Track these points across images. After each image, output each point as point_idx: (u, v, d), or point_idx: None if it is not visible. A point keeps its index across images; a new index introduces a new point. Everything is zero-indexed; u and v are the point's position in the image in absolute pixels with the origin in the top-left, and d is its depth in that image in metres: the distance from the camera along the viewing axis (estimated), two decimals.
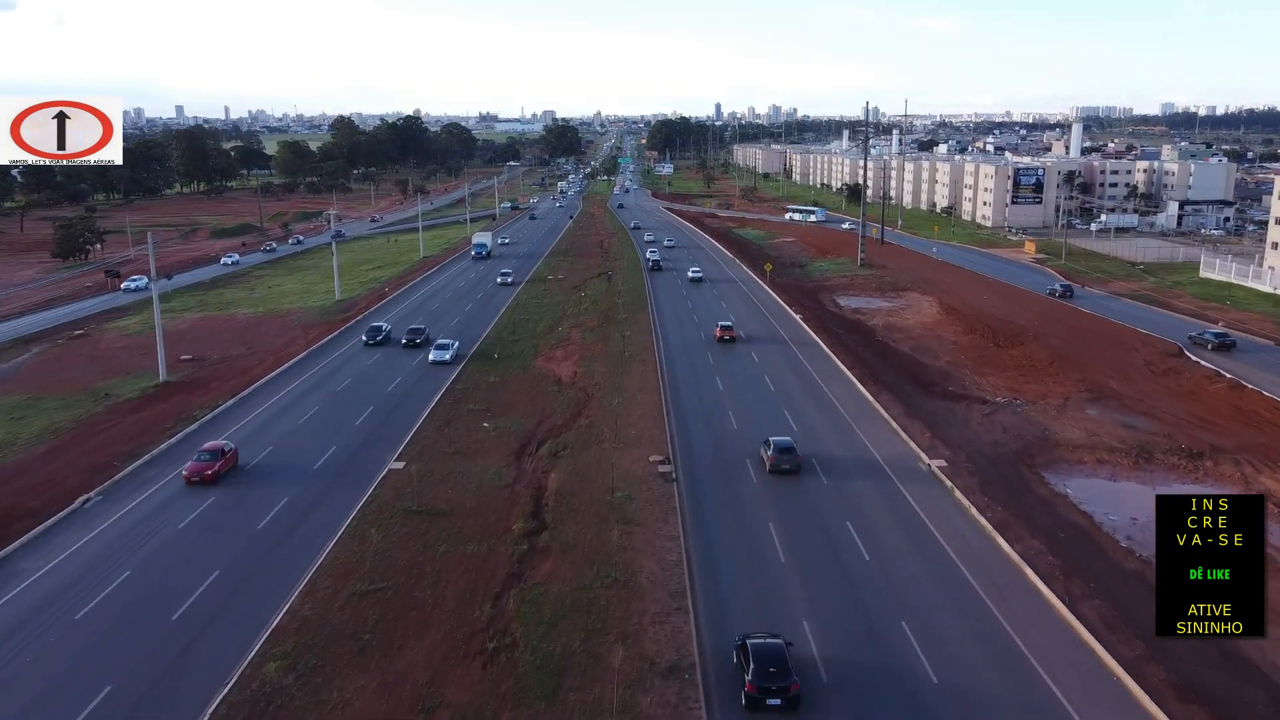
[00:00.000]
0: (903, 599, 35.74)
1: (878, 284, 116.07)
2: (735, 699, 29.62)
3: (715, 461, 50.83)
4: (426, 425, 56.83)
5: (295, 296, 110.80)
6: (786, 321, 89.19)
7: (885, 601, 35.56)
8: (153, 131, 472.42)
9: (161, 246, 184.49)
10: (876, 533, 41.60)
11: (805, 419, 58.01)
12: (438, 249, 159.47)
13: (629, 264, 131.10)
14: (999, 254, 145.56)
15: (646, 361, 72.33)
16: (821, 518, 43.34)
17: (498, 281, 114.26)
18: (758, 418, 58.31)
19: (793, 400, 62.42)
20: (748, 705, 29.23)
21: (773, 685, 29.03)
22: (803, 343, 79.08)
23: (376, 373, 69.99)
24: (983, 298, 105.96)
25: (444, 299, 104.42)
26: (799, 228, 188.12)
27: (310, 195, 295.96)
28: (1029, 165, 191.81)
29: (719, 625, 33.77)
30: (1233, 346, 77.40)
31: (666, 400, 62.06)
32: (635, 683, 30.01)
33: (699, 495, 46.06)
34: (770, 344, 79.66)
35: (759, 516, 43.42)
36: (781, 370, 70.17)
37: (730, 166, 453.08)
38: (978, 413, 60.74)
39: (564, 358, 74.42)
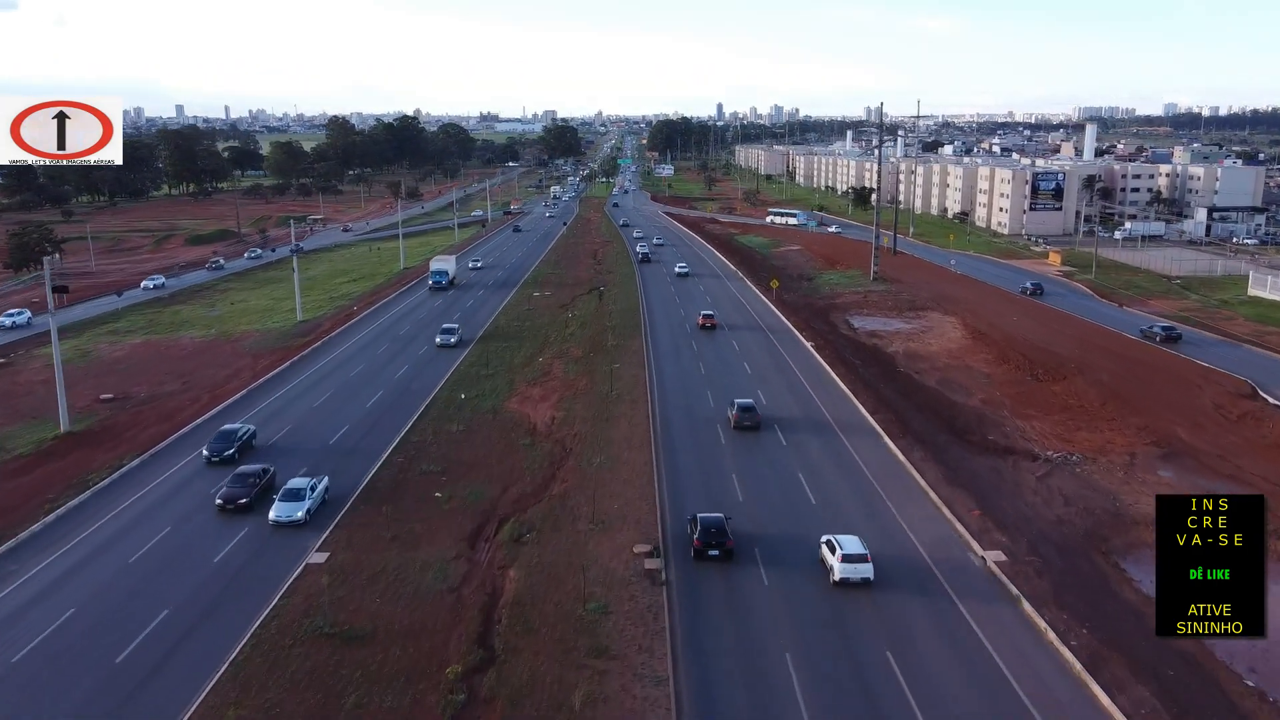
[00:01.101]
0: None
1: (894, 302, 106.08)
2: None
3: (719, 567, 40.80)
4: (368, 494, 46.97)
5: (257, 315, 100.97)
6: (797, 350, 79.20)
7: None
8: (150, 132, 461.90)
9: (132, 254, 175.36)
10: (930, 679, 31.53)
11: (826, 490, 47.96)
12: (421, 258, 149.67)
13: (623, 277, 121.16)
14: (1021, 266, 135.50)
15: (637, 403, 62.34)
16: (856, 656, 33.20)
17: (436, 343, 79.58)
18: (771, 494, 48.42)
19: (810, 464, 52.38)
20: (695, 557, 39.49)
21: (713, 542, 39.25)
22: (819, 382, 68.95)
23: (324, 416, 60.09)
24: (1010, 318, 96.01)
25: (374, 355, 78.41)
26: (805, 235, 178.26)
27: (301, 198, 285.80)
28: (1048, 170, 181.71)
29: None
30: (1179, 339, 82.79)
31: (657, 458, 52.15)
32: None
33: (695, 607, 36.14)
34: (778, 375, 69.68)
35: (772, 646, 33.53)
36: (795, 418, 60.17)
37: (732, 168, 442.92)
38: (1029, 474, 50.81)
39: (542, 397, 64.50)
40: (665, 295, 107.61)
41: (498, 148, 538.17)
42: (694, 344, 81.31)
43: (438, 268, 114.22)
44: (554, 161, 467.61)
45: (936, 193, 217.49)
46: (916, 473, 49.10)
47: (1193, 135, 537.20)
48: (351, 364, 74.19)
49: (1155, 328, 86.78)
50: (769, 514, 44.82)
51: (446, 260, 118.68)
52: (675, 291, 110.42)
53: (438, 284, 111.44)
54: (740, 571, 38.72)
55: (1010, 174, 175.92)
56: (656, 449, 53.48)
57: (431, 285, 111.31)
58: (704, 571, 38.79)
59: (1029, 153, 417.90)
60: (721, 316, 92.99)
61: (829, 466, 50.75)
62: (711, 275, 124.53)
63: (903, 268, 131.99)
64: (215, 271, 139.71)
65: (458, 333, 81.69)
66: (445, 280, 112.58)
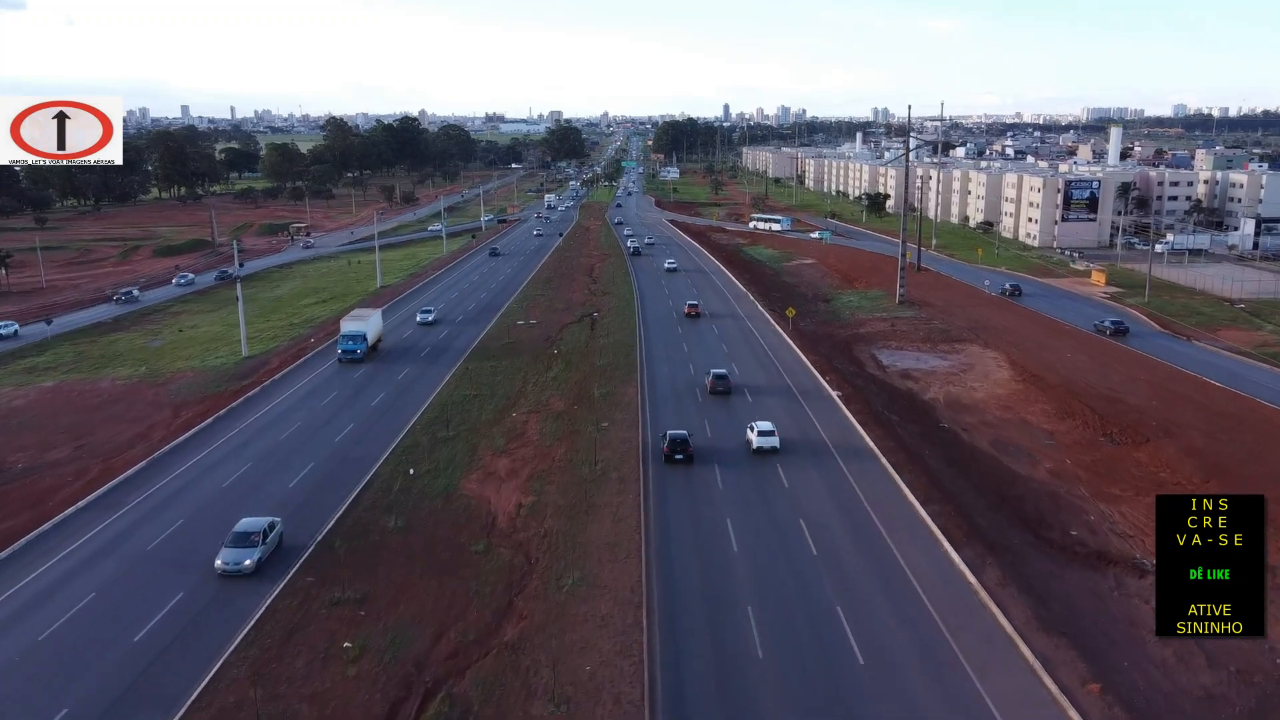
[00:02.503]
0: None
1: (926, 332, 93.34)
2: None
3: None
4: (250, 643, 34.45)
5: (201, 348, 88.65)
6: (820, 400, 66.51)
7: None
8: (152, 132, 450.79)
9: (95, 267, 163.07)
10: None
11: (877, 642, 35.30)
12: (403, 274, 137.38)
13: (621, 300, 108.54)
14: (1060, 285, 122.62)
15: (625, 485, 49.69)
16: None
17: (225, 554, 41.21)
18: (794, 615, 35.94)
19: (845, 577, 39.83)
20: (666, 461, 51.92)
21: (678, 451, 52.04)
22: (852, 450, 56.19)
23: (229, 503, 47.60)
24: (1064, 354, 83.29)
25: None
26: (817, 247, 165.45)
27: (293, 202, 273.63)
28: (1082, 177, 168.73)
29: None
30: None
31: (648, 577, 39.56)
32: None
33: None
34: (802, 441, 57.03)
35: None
36: (823, 507, 47.49)
37: (739, 170, 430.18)
38: (1143, 603, 38.11)
39: (509, 473, 51.91)
40: (666, 321, 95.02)
41: (501, 149, 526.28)
42: (698, 399, 68.49)
43: (351, 330, 79.24)
44: (556, 164, 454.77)
45: (957, 200, 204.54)
46: (996, 607, 36.42)
47: (1206, 137, 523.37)
48: (288, 420, 61.74)
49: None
50: (770, 601, 32.35)
51: (362, 321, 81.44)
52: (679, 320, 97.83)
53: (349, 355, 77.63)
54: None
55: (1041, 182, 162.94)
56: (647, 562, 40.86)
57: (341, 356, 77.54)
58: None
59: (1043, 155, 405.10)
60: (730, 352, 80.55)
61: (879, 601, 37.93)
62: (716, 293, 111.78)
63: (929, 288, 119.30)
64: (185, 287, 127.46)
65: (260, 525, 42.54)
66: (359, 350, 78.11)
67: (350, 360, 77.18)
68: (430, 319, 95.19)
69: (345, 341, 78.24)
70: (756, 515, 46.09)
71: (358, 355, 77.69)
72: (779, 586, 38.77)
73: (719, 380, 67.97)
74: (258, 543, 40.06)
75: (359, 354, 77.83)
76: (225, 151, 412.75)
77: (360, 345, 78.27)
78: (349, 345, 78.02)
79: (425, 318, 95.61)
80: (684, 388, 69.91)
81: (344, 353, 77.63)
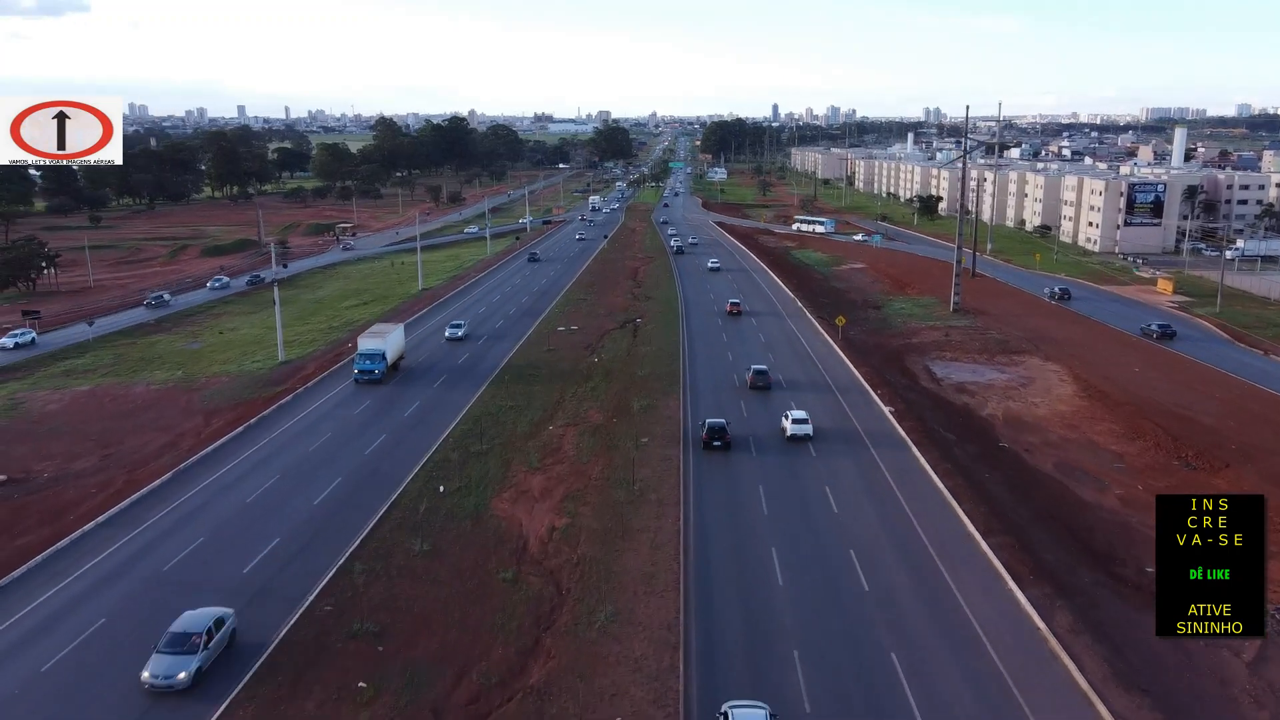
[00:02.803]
0: None
1: (982, 342, 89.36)
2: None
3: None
4: (266, 675, 32.38)
5: (240, 351, 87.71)
6: (871, 415, 63.24)
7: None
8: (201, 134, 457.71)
9: (144, 266, 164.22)
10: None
11: (928, 677, 32.32)
12: (446, 276, 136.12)
13: (664, 304, 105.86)
14: (1124, 293, 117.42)
15: (664, 508, 47.00)
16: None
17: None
18: (845, 672, 32.98)
19: (902, 623, 36.72)
20: (704, 447, 54.66)
21: (715, 439, 55.10)
22: (905, 473, 52.98)
23: (250, 521, 45.80)
24: (1131, 369, 78.97)
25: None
26: (868, 251, 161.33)
27: (341, 202, 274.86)
28: (1146, 180, 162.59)
29: None
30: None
31: (686, 613, 36.85)
32: None
33: None
34: (851, 463, 53.93)
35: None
36: (876, 538, 44.38)
37: (787, 171, 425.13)
38: (1231, 656, 34.55)
39: (543, 492, 49.53)
40: (709, 326, 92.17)
41: (548, 149, 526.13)
42: (742, 405, 65.68)
43: (369, 348, 72.02)
44: (603, 164, 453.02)
45: (1013, 203, 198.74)
46: (1069, 658, 33.15)
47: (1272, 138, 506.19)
48: (318, 430, 59.98)
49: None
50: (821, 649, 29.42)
51: (381, 338, 74.06)
52: (722, 325, 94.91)
53: (367, 375, 70.68)
54: None
55: (1102, 184, 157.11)
56: (686, 595, 38.15)
57: (358, 376, 70.67)
58: None
59: (1101, 156, 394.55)
60: (777, 361, 77.48)
61: (939, 651, 34.74)
62: (763, 299, 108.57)
63: (985, 295, 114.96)
64: (219, 291, 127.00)
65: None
66: (380, 369, 71.27)
67: (368, 382, 70.00)
68: (460, 334, 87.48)
69: (362, 360, 70.72)
70: (803, 546, 43.12)
71: (375, 376, 70.30)
72: (827, 632, 35.81)
73: (759, 376, 70.18)
74: (197, 646, 32.16)
75: (377, 374, 70.44)
76: (278, 151, 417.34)
77: (379, 365, 70.83)
78: (366, 365, 70.50)
79: (454, 333, 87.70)
80: (728, 399, 66.98)
81: (360, 373, 70.16)
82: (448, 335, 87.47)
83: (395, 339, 76.47)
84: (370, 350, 71.88)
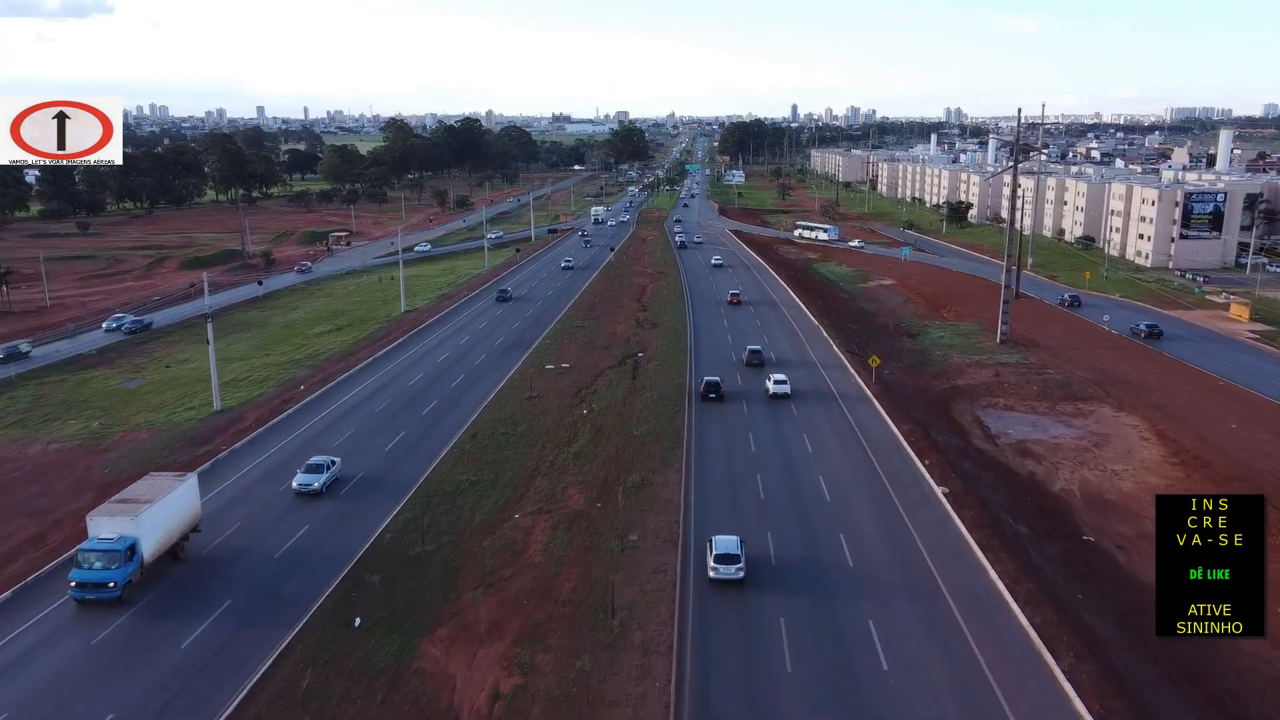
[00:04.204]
0: None
1: (1040, 385, 76.38)
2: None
3: None
4: None
5: (179, 391, 76.12)
6: (917, 492, 50.65)
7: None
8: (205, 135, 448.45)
9: (116, 281, 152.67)
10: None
11: None
12: (436, 293, 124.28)
13: (671, 334, 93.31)
14: (1192, 319, 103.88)
15: (651, 654, 34.58)
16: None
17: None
18: None
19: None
20: (701, 399, 66.97)
21: (711, 391, 67.72)
22: (969, 593, 40.29)
23: (73, 693, 33.60)
24: (1228, 423, 65.87)
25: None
26: (897, 265, 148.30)
27: (346, 206, 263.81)
28: (1205, 188, 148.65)
29: None
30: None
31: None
32: None
33: None
34: (893, 565, 41.36)
35: None
36: (935, 694, 31.95)
37: (807, 174, 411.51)
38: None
39: (491, 627, 37.14)
40: (723, 366, 79.48)
41: (564, 150, 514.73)
42: (758, 481, 53.17)
43: (97, 545, 39.70)
44: (618, 167, 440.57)
45: (1050, 211, 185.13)
46: None
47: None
48: (224, 521, 47.93)
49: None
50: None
51: (134, 510, 40.94)
52: (738, 368, 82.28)
53: (87, 593, 38.93)
54: None
55: (1156, 193, 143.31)
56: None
57: (73, 593, 39.10)
58: None
59: (1131, 158, 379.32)
60: (802, 420, 64.91)
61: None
62: (783, 328, 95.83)
63: (1034, 320, 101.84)
64: (113, 335, 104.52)
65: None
66: (118, 579, 38.96)
67: (95, 601, 38.84)
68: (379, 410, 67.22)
69: (80, 569, 39.14)
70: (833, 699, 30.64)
71: (110, 593, 38.67)
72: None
73: (754, 355, 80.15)
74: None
75: (113, 590, 38.66)
76: (289, 153, 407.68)
77: (116, 574, 38.79)
78: (87, 577, 38.80)
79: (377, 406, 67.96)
80: (743, 488, 54.04)
81: (77, 587, 38.83)
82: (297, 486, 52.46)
83: (163, 516, 42.17)
84: (98, 548, 39.33)
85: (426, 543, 44.30)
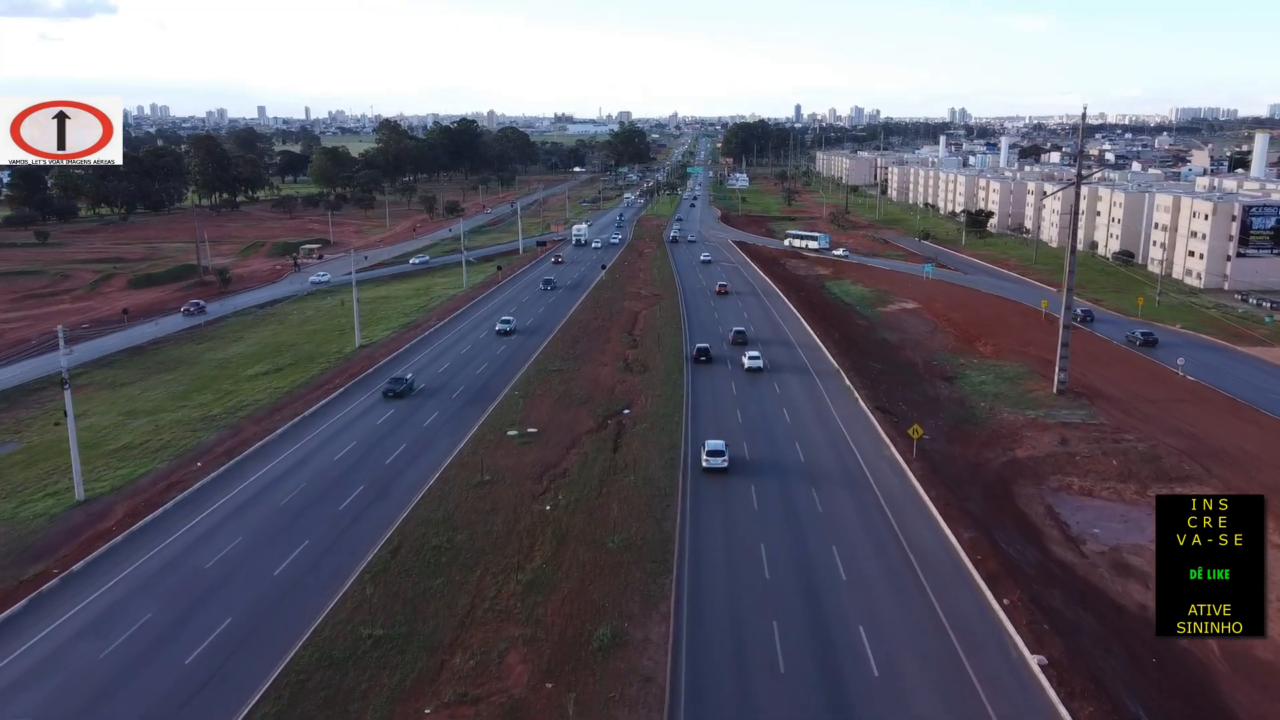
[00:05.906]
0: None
1: (1120, 457, 61.30)
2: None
3: None
4: None
5: (52, 465, 61.34)
6: (1004, 664, 35.85)
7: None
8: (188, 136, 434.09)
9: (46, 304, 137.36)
10: None
11: None
12: (402, 321, 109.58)
13: (666, 380, 78.25)
14: (1267, 356, 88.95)
15: None
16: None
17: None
18: None
19: None
20: (693, 362, 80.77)
21: (703, 355, 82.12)
22: None
23: None
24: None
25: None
26: (919, 286, 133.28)
27: (332, 212, 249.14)
28: (1265, 201, 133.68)
29: None
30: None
31: None
32: None
33: None
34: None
35: None
36: None
37: (812, 177, 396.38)
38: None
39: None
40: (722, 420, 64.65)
41: (564, 151, 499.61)
42: (775, 633, 38.35)
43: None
44: (618, 169, 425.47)
45: (1082, 223, 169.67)
46: None
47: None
48: (44, 679, 33.29)
49: None
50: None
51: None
52: (741, 419, 67.41)
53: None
54: None
55: (1210, 206, 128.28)
56: None
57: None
58: None
59: (1146, 160, 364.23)
60: (829, 519, 50.06)
61: None
62: (799, 378, 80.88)
63: (1087, 360, 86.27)
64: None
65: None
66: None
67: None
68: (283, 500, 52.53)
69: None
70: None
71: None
72: None
73: (738, 334, 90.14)
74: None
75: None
76: (282, 154, 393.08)
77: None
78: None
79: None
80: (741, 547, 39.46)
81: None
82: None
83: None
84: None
85: (331, 689, 29.46)
